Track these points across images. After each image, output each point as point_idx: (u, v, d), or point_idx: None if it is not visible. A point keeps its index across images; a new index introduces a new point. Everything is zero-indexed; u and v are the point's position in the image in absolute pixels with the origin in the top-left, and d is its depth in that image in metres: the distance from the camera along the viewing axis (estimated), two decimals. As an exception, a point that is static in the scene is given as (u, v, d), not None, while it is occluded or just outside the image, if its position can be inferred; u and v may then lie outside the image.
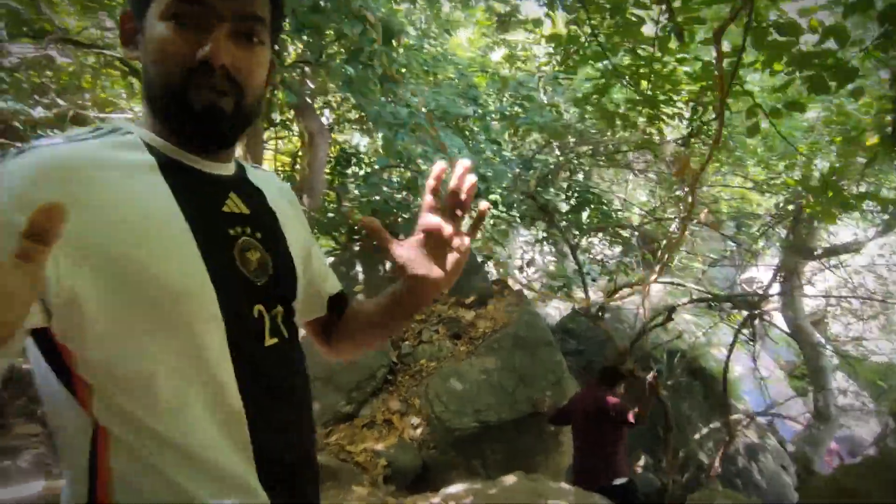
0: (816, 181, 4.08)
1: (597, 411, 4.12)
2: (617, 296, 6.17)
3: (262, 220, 0.84)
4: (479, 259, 7.58)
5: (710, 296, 5.79)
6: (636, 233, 7.35)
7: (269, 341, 0.80)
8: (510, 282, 9.25)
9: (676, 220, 6.06)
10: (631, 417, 3.97)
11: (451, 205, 0.81)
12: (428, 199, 0.81)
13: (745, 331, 6.27)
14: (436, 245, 0.82)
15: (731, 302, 5.51)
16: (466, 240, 0.83)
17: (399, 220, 6.97)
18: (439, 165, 0.80)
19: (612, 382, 4.32)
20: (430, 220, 0.82)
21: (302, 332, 0.93)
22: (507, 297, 6.63)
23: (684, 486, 7.00)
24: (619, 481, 3.98)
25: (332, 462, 3.86)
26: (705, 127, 3.83)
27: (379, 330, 0.99)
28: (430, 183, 0.80)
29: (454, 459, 4.73)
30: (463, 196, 0.80)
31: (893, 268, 6.23)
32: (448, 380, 5.15)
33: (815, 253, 5.80)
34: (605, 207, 7.00)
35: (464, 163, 0.78)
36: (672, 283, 6.23)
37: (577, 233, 6.84)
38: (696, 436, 6.99)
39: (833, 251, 5.70)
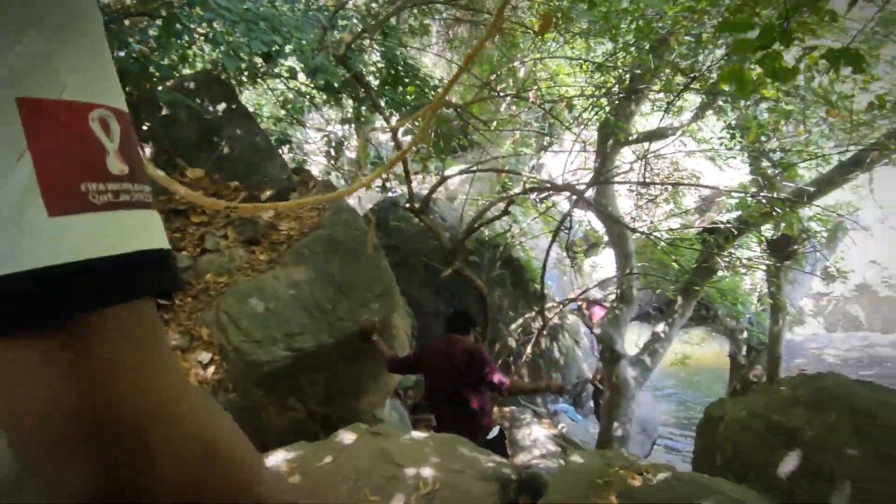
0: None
1: (469, 369, 3.50)
2: (438, 186, 5.45)
3: None
4: (273, 141, 6.17)
5: (548, 185, 5.40)
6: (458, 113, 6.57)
7: None
8: (315, 171, 7.98)
9: (508, 97, 5.39)
10: (502, 382, 3.51)
11: None
12: None
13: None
14: None
15: (567, 190, 5.19)
16: None
17: (160, 87, 5.16)
18: None
19: (465, 329, 3.72)
20: None
21: None
22: (314, 190, 5.47)
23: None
24: (491, 434, 3.56)
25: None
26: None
27: None
28: None
29: (262, 400, 3.73)
30: None
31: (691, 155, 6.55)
32: (246, 300, 3.99)
33: (630, 138, 5.70)
34: (425, 81, 6.04)
35: None
36: (499, 171, 5.72)
37: (394, 112, 5.81)
38: (513, 326, 6.97)
39: (648, 136, 5.68)
